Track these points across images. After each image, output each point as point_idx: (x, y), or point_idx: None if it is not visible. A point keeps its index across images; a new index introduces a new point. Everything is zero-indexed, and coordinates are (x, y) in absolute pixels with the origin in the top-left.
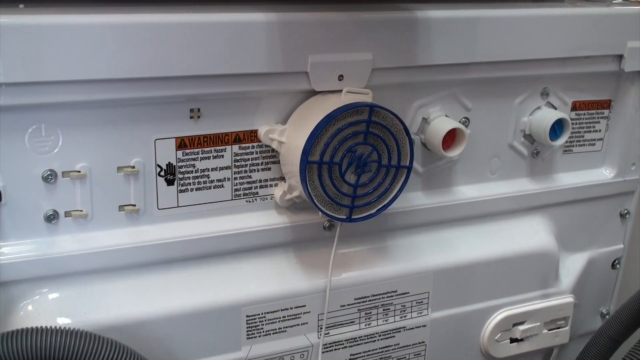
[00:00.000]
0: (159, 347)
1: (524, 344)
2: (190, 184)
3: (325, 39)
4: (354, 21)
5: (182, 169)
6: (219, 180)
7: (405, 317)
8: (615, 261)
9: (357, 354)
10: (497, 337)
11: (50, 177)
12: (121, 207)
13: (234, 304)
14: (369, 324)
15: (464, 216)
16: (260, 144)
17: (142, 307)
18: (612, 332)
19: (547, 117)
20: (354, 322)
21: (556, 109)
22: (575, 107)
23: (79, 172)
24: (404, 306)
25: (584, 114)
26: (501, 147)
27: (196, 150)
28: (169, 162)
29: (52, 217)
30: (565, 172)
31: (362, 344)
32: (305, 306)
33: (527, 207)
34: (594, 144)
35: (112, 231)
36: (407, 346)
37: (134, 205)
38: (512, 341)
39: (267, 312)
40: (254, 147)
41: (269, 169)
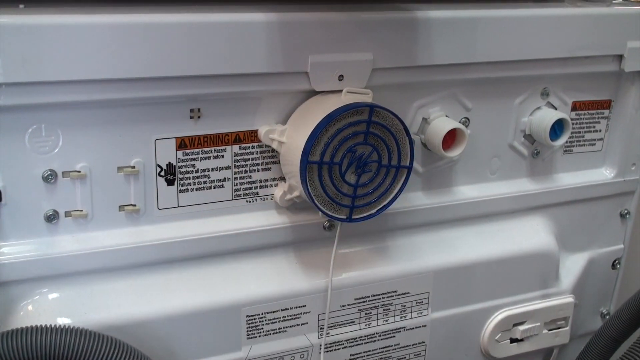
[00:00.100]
0: (159, 347)
1: (524, 344)
2: (190, 184)
3: (325, 39)
4: (354, 21)
5: (183, 169)
6: (219, 180)
7: (405, 317)
8: (615, 261)
9: (357, 354)
10: (497, 337)
11: (50, 177)
12: (121, 207)
13: (234, 304)
14: (369, 324)
15: (464, 216)
16: (260, 144)
17: (142, 307)
18: (612, 331)
19: (547, 117)
20: (354, 322)
21: (556, 109)
22: (575, 107)
23: (79, 172)
24: (404, 306)
25: (584, 114)
26: (501, 147)
27: (196, 150)
28: (169, 162)
29: (52, 217)
30: (565, 172)
31: (362, 344)
32: (305, 306)
33: (528, 207)
34: (594, 144)
35: (112, 231)
36: (407, 346)
37: (134, 205)
38: (512, 341)
39: (267, 312)
40: (254, 147)
41: (269, 169)
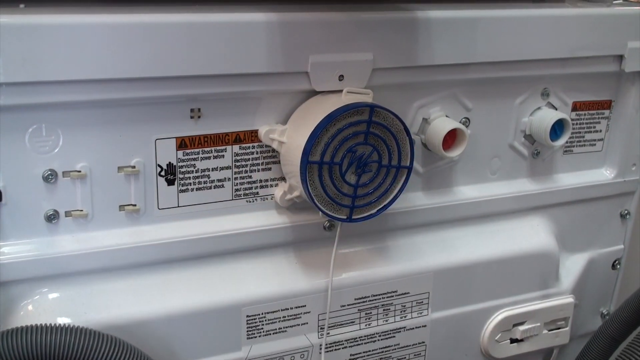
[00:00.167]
0: (159, 347)
1: (524, 344)
2: (190, 184)
3: (325, 39)
4: (354, 21)
5: (183, 169)
6: (220, 180)
7: (405, 317)
8: (615, 261)
9: (357, 354)
10: (497, 338)
11: (50, 177)
12: (121, 207)
13: (234, 304)
14: (369, 324)
15: (465, 216)
16: (260, 144)
17: (142, 307)
18: (612, 331)
19: (547, 117)
20: (354, 322)
21: (556, 109)
22: (575, 107)
23: (80, 172)
24: (404, 306)
25: (585, 115)
26: (501, 148)
27: (197, 150)
28: (170, 162)
29: (52, 217)
30: (565, 173)
31: (362, 344)
32: (305, 306)
33: (528, 207)
34: (595, 145)
35: (113, 231)
36: (407, 346)
37: (135, 205)
38: (512, 341)
39: (267, 312)
40: (254, 147)
41: (270, 169)
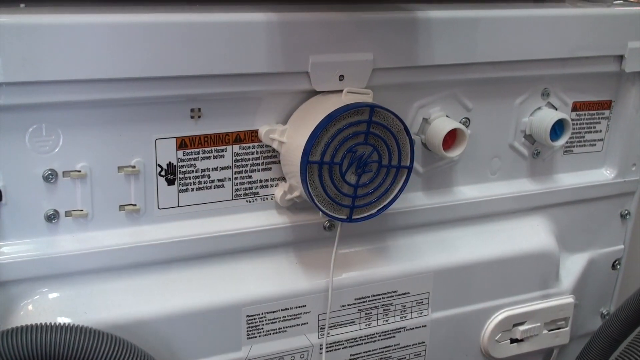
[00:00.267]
0: (159, 347)
1: (524, 344)
2: (190, 183)
3: (325, 39)
4: (354, 21)
5: (183, 169)
6: (220, 180)
7: (405, 317)
8: (615, 262)
9: (357, 354)
10: (497, 338)
11: (50, 177)
12: (122, 207)
13: (234, 303)
14: (369, 324)
15: (465, 216)
16: (260, 144)
17: (142, 307)
18: (612, 331)
19: (547, 117)
20: (354, 322)
21: (557, 110)
22: (575, 107)
23: (80, 171)
24: (404, 306)
25: (585, 115)
26: (502, 148)
27: (197, 150)
28: (170, 162)
29: (52, 217)
30: (565, 173)
31: (362, 344)
32: (305, 306)
33: (528, 207)
34: (595, 145)
35: (113, 231)
36: (407, 346)
37: (135, 205)
38: (513, 341)
39: (268, 312)
40: (254, 147)
41: (270, 169)
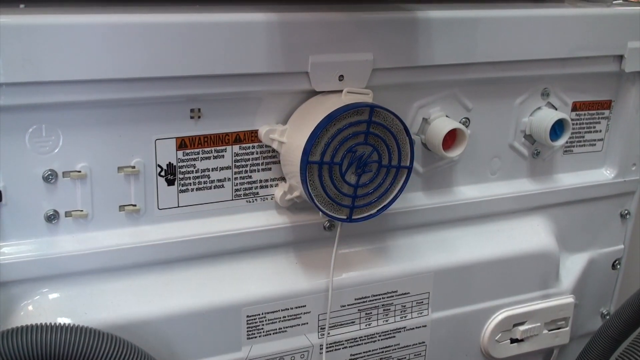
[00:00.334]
0: (159, 347)
1: (524, 344)
2: (190, 184)
3: (325, 39)
4: (354, 21)
5: (183, 169)
6: (220, 180)
7: (405, 317)
8: (615, 262)
9: (357, 354)
10: (497, 338)
11: (50, 177)
12: (121, 207)
13: (235, 304)
14: (370, 324)
15: (465, 216)
16: (260, 144)
17: (143, 307)
18: (612, 331)
19: (547, 117)
20: (354, 322)
21: (556, 110)
22: (575, 107)
23: (80, 172)
24: (405, 306)
25: (585, 115)
26: (501, 148)
27: (197, 150)
28: (170, 162)
29: (52, 217)
30: (565, 173)
31: (362, 344)
32: (305, 306)
33: (528, 207)
34: (595, 145)
35: (113, 231)
36: (407, 346)
37: (135, 205)
38: (513, 341)
39: (268, 312)
40: (254, 147)
41: (270, 169)
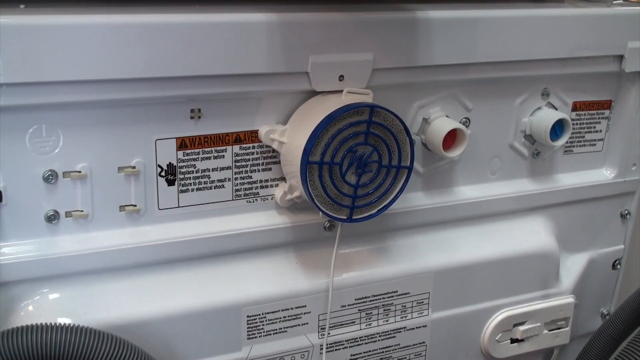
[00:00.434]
0: (159, 347)
1: (524, 344)
2: (191, 184)
3: (325, 40)
4: (354, 21)
5: (183, 169)
6: (220, 180)
7: (405, 317)
8: (615, 262)
9: (357, 354)
10: (497, 338)
11: (50, 178)
12: (122, 208)
13: (235, 304)
14: (370, 324)
15: (465, 216)
16: (260, 144)
17: (143, 307)
18: (612, 331)
19: (547, 117)
20: (354, 322)
21: (557, 110)
22: (575, 107)
23: (80, 172)
24: (405, 306)
25: (585, 115)
26: (502, 148)
27: (197, 150)
28: (170, 162)
29: (52, 218)
30: (565, 173)
31: (362, 344)
32: (305, 306)
33: (528, 207)
34: (595, 145)
35: (113, 231)
36: (407, 346)
37: (135, 205)
38: (513, 341)
39: (268, 313)
40: (254, 147)
41: (270, 169)
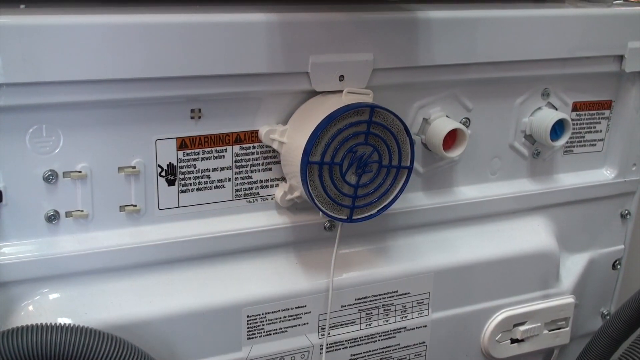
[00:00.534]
0: (159, 347)
1: (524, 344)
2: (191, 184)
3: (326, 40)
4: (354, 21)
5: (183, 169)
6: (220, 180)
7: (406, 317)
8: (615, 262)
9: (357, 354)
10: (497, 338)
11: (51, 178)
12: (122, 208)
13: (235, 304)
14: (370, 325)
15: (465, 217)
16: (261, 144)
17: (143, 307)
18: (612, 331)
19: (547, 117)
20: (354, 322)
21: (557, 110)
22: (576, 107)
23: (80, 172)
24: (405, 306)
25: (585, 115)
26: (502, 148)
27: (197, 150)
28: (170, 163)
29: (52, 218)
30: (566, 173)
31: (362, 344)
32: (305, 306)
33: (528, 207)
34: (595, 145)
35: (113, 231)
36: (407, 346)
37: (135, 205)
38: (513, 342)
39: (268, 313)
40: (254, 147)
41: (270, 170)
